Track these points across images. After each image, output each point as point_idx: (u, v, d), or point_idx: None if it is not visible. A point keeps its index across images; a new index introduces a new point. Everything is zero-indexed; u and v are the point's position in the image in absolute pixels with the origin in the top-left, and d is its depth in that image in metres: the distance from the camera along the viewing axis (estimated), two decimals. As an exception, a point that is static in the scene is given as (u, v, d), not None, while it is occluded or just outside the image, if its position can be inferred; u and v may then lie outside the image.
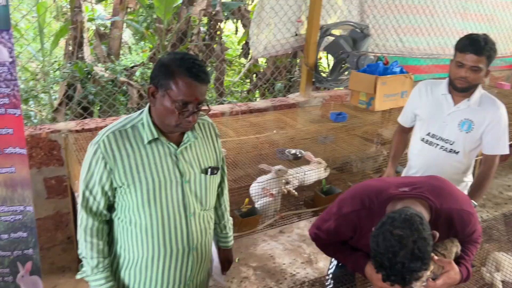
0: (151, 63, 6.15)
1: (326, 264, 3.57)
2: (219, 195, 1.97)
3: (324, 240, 1.97)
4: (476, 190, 2.46)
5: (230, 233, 2.08)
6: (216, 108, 4.07)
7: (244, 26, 7.35)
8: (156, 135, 1.63)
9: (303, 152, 3.24)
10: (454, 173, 2.49)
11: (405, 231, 1.47)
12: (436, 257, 1.67)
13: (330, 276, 2.31)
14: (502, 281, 2.49)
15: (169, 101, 1.55)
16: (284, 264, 3.71)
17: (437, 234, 1.58)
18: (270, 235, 4.08)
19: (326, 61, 7.27)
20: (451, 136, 2.47)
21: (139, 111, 1.71)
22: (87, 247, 1.67)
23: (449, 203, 1.75)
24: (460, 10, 5.44)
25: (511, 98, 4.87)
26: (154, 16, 6.64)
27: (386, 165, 3.56)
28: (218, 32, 6.28)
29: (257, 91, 7.24)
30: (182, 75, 1.52)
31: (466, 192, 2.50)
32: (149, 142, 1.64)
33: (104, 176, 1.62)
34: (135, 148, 1.63)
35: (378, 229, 1.53)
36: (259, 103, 4.33)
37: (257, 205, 2.85)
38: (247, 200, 2.70)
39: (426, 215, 1.67)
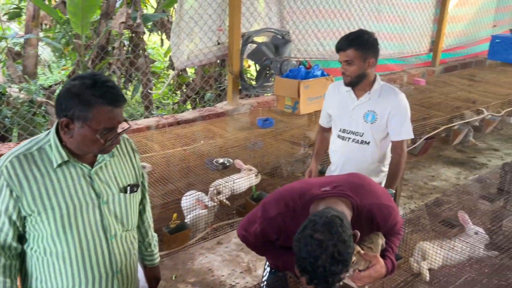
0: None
1: (264, 271, 3.55)
2: (141, 213, 1.88)
3: (252, 241, 1.96)
4: (391, 178, 2.59)
5: (156, 250, 1.99)
6: (141, 123, 3.94)
7: (169, 37, 7.23)
8: (65, 158, 1.52)
9: (231, 160, 3.21)
10: (370, 164, 2.62)
11: (325, 235, 1.47)
12: (362, 252, 1.69)
13: (264, 283, 2.28)
14: (429, 269, 2.58)
15: (90, 131, 1.47)
16: (223, 276, 3.64)
17: (358, 234, 1.61)
18: (207, 247, 4.00)
19: (255, 69, 7.33)
20: (359, 128, 2.60)
21: (46, 132, 1.58)
22: None
23: (369, 199, 1.78)
24: (374, 13, 5.70)
25: (427, 94, 5.17)
26: (74, 32, 6.37)
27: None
28: (141, 45, 6.12)
29: (188, 103, 7.14)
30: (100, 104, 1.45)
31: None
32: (59, 165, 1.52)
33: (11, 205, 1.49)
34: (43, 172, 1.51)
35: (300, 233, 1.52)
36: (187, 114, 4.25)
37: (188, 218, 2.78)
38: (175, 215, 2.61)
39: (348, 212, 1.69)
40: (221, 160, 3.21)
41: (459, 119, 4.37)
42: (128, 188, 1.67)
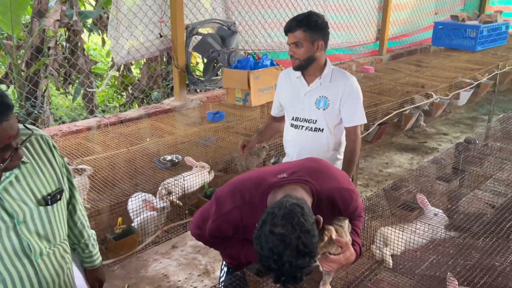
0: (3, 84, 5.43)
1: (223, 272, 3.37)
2: (72, 214, 1.65)
3: (208, 239, 1.82)
4: (347, 165, 2.52)
5: (95, 250, 1.78)
6: (80, 124, 3.65)
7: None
8: None
9: (180, 157, 3.00)
10: (325, 152, 2.54)
11: (287, 228, 1.36)
12: (334, 237, 1.57)
13: (222, 284, 2.11)
14: (392, 255, 2.50)
15: None
16: (179, 281, 3.43)
17: (321, 219, 1.50)
18: (161, 252, 3.77)
19: (202, 62, 7.10)
20: (312, 115, 2.51)
21: None
22: None
23: (329, 183, 1.69)
24: (320, 2, 5.65)
25: (377, 80, 5.16)
26: (5, 34, 5.91)
27: (269, 159, 3.49)
28: (79, 44, 5.75)
29: (135, 104, 6.82)
30: None
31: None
32: None
33: None
34: None
35: (259, 229, 1.41)
36: (131, 112, 3.99)
37: (135, 222, 2.55)
38: (120, 219, 2.38)
39: (308, 199, 1.60)
40: (169, 157, 3.00)
41: (409, 104, 4.37)
42: (49, 198, 1.43)
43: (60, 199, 1.47)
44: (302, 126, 2.54)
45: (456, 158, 3.02)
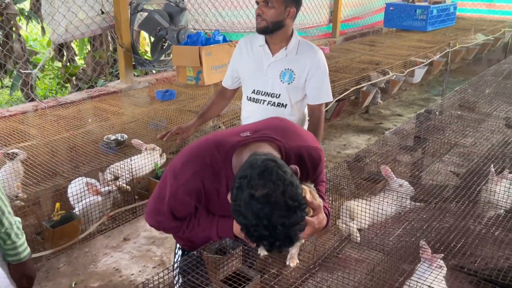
0: None
1: (181, 261, 3.14)
2: None
3: (169, 224, 1.60)
4: None
5: (20, 241, 1.53)
6: (14, 109, 3.28)
7: (50, 23, 6.40)
8: None
9: (125, 136, 2.73)
10: None
11: (268, 187, 1.21)
12: (308, 198, 1.39)
13: (177, 270, 1.88)
14: (359, 230, 2.38)
15: None
16: (132, 274, 3.16)
17: (297, 169, 1.35)
18: (112, 246, 3.48)
19: (149, 42, 6.73)
20: (275, 89, 2.30)
21: None
22: None
23: (297, 141, 1.55)
24: (272, -19, 5.47)
25: (333, 60, 5.07)
26: None
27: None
28: (15, 29, 5.29)
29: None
30: None
31: None
32: None
33: None
34: None
35: (236, 200, 1.24)
36: (72, 96, 3.66)
37: (77, 208, 2.27)
38: (58, 204, 2.09)
39: (276, 155, 1.43)
40: (113, 137, 2.71)
41: (366, 81, 4.29)
42: None
43: None
44: (264, 101, 2.32)
45: (418, 127, 2.94)
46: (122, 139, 2.68)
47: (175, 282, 1.83)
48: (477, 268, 1.61)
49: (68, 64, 6.85)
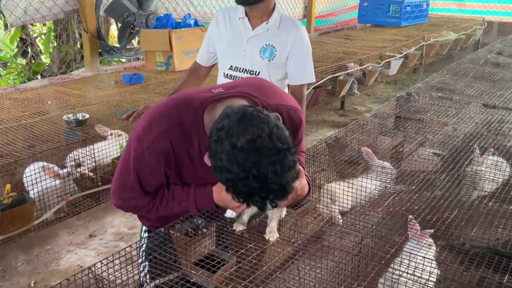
0: None
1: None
2: None
3: (139, 201, 1.40)
4: None
5: None
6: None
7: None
8: None
9: (86, 115, 2.51)
10: None
11: (251, 132, 1.06)
12: None
13: (143, 255, 1.67)
14: (341, 213, 2.23)
15: None
16: (98, 271, 2.92)
17: (279, 116, 1.18)
18: (76, 243, 3.24)
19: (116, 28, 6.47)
20: (255, 66, 2.12)
21: None
22: None
23: (275, 99, 1.39)
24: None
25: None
26: None
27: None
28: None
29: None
30: None
31: None
32: None
33: None
34: None
35: (216, 153, 1.09)
36: (33, 83, 3.40)
37: (32, 192, 2.04)
38: (9, 186, 1.86)
39: None
40: (73, 116, 2.49)
41: (343, 70, 4.19)
42: None
43: None
44: (242, 78, 2.12)
45: (399, 108, 2.83)
46: (83, 119, 2.46)
47: (141, 268, 1.62)
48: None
49: (33, 60, 6.55)
